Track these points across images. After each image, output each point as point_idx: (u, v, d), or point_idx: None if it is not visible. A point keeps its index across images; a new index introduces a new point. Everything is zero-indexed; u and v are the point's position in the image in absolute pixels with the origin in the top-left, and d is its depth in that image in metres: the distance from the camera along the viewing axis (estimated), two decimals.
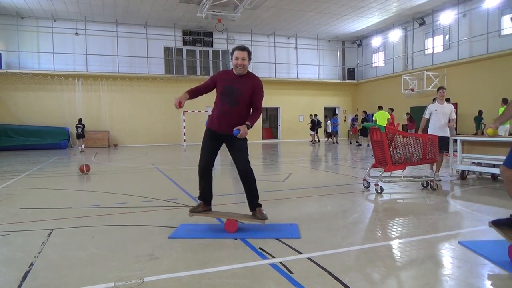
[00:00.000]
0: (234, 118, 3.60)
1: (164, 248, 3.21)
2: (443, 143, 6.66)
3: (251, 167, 3.70)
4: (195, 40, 23.58)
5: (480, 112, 15.74)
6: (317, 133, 22.00)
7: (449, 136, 7.04)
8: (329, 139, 22.37)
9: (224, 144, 3.82)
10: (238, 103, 3.61)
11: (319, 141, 22.17)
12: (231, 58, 3.67)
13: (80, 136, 18.24)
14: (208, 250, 3.15)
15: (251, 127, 3.60)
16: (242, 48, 3.64)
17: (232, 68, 3.74)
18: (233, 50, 3.65)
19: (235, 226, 3.62)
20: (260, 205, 3.74)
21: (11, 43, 19.91)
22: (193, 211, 3.80)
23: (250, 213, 3.77)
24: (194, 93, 3.80)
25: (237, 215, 3.87)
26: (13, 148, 18.29)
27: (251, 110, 3.73)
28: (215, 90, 3.80)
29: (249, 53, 3.66)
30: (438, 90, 7.26)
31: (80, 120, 18.74)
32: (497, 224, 2.94)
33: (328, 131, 22.49)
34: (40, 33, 20.45)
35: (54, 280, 2.58)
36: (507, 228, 2.91)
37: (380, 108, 14.11)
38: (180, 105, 3.64)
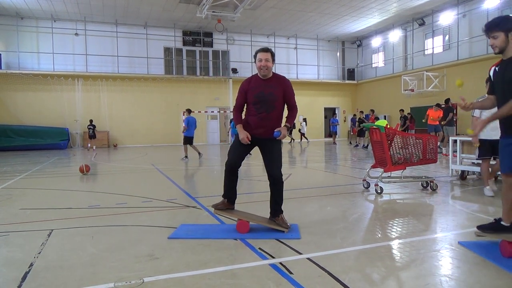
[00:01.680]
0: (272, 122, 3.59)
1: (164, 249, 3.21)
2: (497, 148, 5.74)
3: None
4: (195, 40, 23.59)
5: None
6: (291, 134, 22.51)
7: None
8: (302, 140, 22.79)
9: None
10: (274, 108, 3.58)
11: (293, 141, 22.83)
12: (255, 61, 3.62)
13: (91, 136, 18.91)
14: (208, 251, 3.15)
15: (291, 127, 3.59)
16: (265, 50, 3.61)
17: (256, 74, 3.70)
18: (256, 53, 3.62)
19: (247, 227, 3.61)
20: (282, 212, 3.71)
21: (11, 43, 19.91)
22: (216, 207, 3.74)
23: (269, 219, 3.75)
24: (240, 116, 3.75)
25: (260, 218, 3.83)
26: (12, 148, 18.29)
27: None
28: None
29: (273, 54, 3.63)
30: (487, 82, 6.23)
31: (91, 121, 19.30)
32: (482, 228, 3.13)
33: (303, 131, 22.79)
34: (40, 34, 20.46)
35: (53, 281, 2.58)
36: (492, 232, 3.07)
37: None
38: (249, 139, 3.58)
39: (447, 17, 19.83)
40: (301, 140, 23.19)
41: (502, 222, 3.08)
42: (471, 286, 2.43)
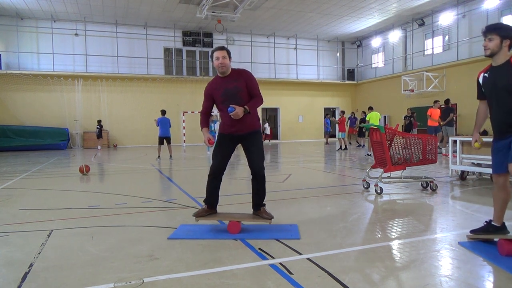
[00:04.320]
0: (247, 116, 3.60)
1: (163, 249, 3.21)
2: None
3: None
4: (195, 40, 23.60)
5: None
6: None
7: None
8: (268, 140, 22.97)
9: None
10: (242, 100, 3.60)
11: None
12: (212, 61, 3.68)
13: (98, 136, 19.21)
14: (207, 251, 3.14)
15: (249, 112, 3.55)
16: (221, 48, 3.67)
17: (216, 75, 3.74)
18: (212, 52, 3.66)
19: (238, 227, 3.62)
20: (264, 205, 3.75)
21: (11, 43, 19.92)
22: (198, 215, 3.71)
23: (252, 213, 3.78)
24: (207, 120, 3.84)
25: (243, 215, 3.86)
26: (12, 149, 18.30)
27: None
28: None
29: (229, 52, 3.68)
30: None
31: (98, 121, 19.49)
32: (474, 232, 3.28)
33: (266, 132, 23.01)
34: (39, 34, 20.47)
35: (53, 281, 2.58)
36: (484, 234, 3.21)
37: (370, 109, 14.14)
38: (212, 142, 3.68)
39: (446, 18, 19.84)
40: (267, 141, 23.46)
41: (493, 223, 3.19)
42: (471, 286, 2.43)
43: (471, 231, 3.30)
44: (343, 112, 17.54)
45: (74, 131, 20.55)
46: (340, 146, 16.04)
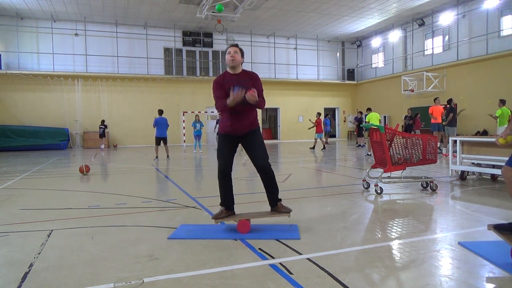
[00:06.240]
0: (247, 115, 3.64)
1: (163, 249, 3.21)
2: None
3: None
4: (195, 40, 23.61)
5: None
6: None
7: None
8: None
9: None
10: (245, 100, 3.60)
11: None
12: (226, 58, 3.73)
13: (101, 135, 19.47)
14: (207, 251, 3.14)
15: (258, 104, 3.55)
16: (234, 45, 3.75)
17: (225, 71, 3.77)
18: (226, 49, 3.74)
19: (248, 227, 3.61)
20: (280, 200, 3.78)
21: (11, 43, 19.93)
22: (217, 218, 3.70)
23: (270, 210, 3.80)
24: (223, 101, 3.61)
25: (262, 213, 3.87)
26: (12, 149, 18.31)
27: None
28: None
29: (241, 50, 3.74)
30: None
31: (102, 121, 19.67)
32: (498, 228, 2.92)
33: None
34: (39, 34, 20.48)
35: (53, 281, 2.58)
36: (509, 233, 2.87)
37: (369, 110, 14.16)
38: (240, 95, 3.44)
39: (446, 18, 19.85)
40: None
41: None
42: (471, 286, 2.43)
43: (495, 226, 2.95)
44: (319, 114, 17.66)
45: (74, 131, 20.55)
46: (324, 146, 16.44)
